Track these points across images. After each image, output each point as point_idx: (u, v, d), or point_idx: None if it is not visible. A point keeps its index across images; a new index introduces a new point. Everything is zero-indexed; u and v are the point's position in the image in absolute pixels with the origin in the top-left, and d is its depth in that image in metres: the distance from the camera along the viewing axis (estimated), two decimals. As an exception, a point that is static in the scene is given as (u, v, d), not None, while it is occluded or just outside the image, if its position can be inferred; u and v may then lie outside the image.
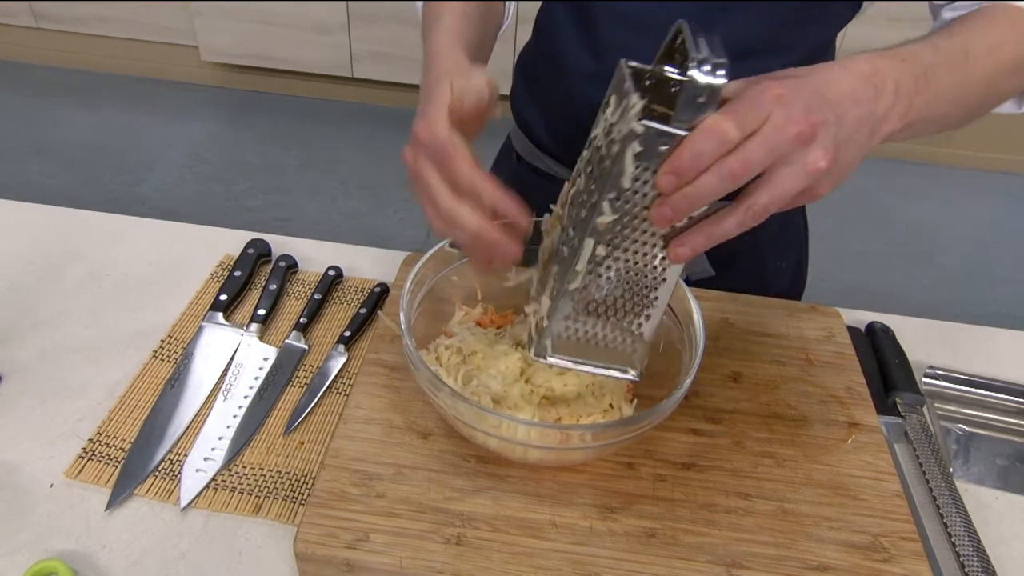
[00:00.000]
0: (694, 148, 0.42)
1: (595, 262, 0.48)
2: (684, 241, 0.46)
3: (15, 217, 0.85)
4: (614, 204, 0.45)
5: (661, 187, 0.44)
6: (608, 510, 0.54)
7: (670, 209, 0.44)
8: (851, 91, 0.47)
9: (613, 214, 0.46)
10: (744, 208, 0.45)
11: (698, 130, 0.42)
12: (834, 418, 0.62)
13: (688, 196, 0.43)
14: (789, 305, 0.72)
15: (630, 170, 0.44)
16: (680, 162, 0.42)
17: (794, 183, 0.44)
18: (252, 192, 2.33)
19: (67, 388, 0.66)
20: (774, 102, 0.43)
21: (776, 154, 0.43)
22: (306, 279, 0.79)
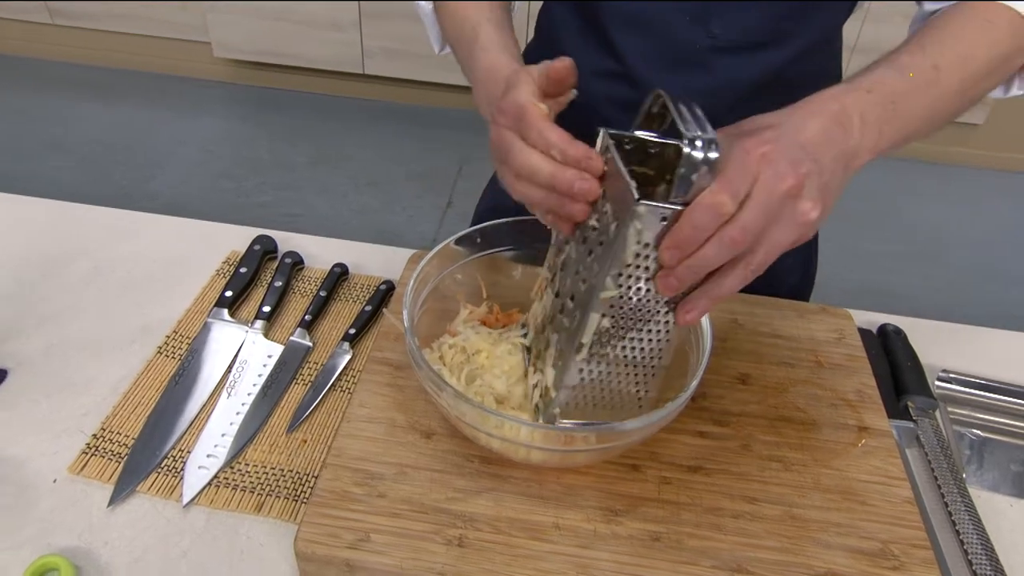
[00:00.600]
0: (694, 223, 0.43)
1: (600, 334, 0.48)
2: (692, 307, 0.47)
3: (23, 212, 0.85)
4: (616, 279, 0.46)
5: (665, 261, 0.45)
6: (612, 513, 0.53)
7: (676, 280, 0.45)
8: (822, 133, 0.47)
9: (616, 288, 0.46)
10: (743, 266, 0.46)
11: (695, 206, 0.43)
12: (844, 422, 0.61)
13: (692, 267, 0.44)
14: (799, 306, 0.71)
15: (632, 247, 0.45)
16: (682, 236, 0.44)
17: (788, 236, 0.45)
18: (263, 188, 2.34)
19: (72, 383, 0.66)
20: (761, 162, 0.44)
21: (770, 214, 0.44)
22: (312, 276, 0.79)
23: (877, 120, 0.50)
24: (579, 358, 0.49)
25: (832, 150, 0.47)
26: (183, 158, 2.44)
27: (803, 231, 0.46)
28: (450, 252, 0.63)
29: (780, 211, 0.44)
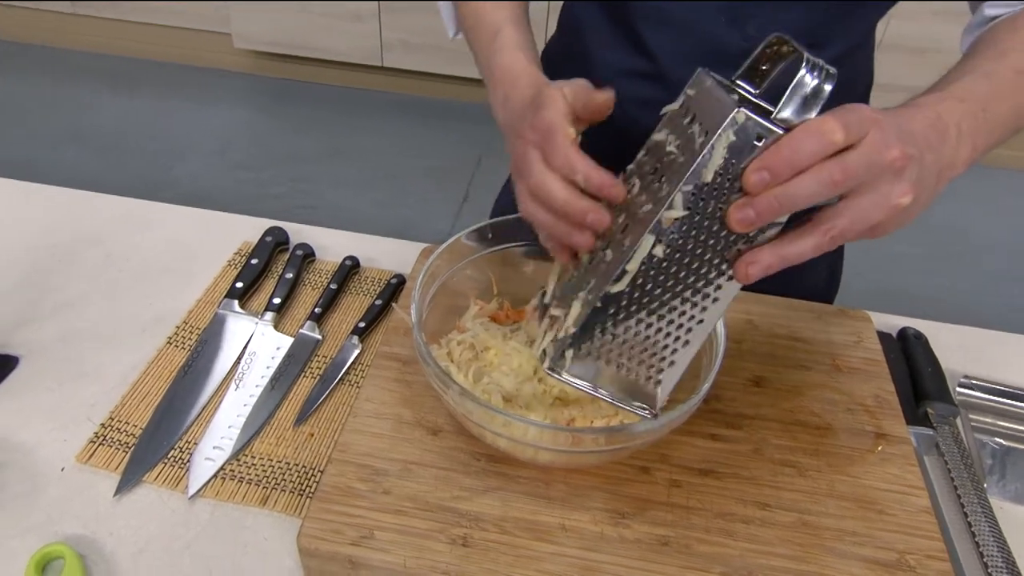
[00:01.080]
0: (795, 145, 0.40)
1: (649, 264, 0.44)
2: (756, 259, 0.43)
3: (39, 200, 0.85)
4: (688, 198, 0.41)
5: (751, 184, 0.40)
6: (620, 515, 0.52)
7: (754, 211, 0.41)
8: (924, 134, 0.45)
9: (684, 210, 0.42)
10: (824, 230, 0.42)
11: (803, 127, 0.40)
12: (861, 427, 0.59)
13: (779, 197, 0.40)
14: (817, 308, 0.69)
15: (717, 162, 0.40)
16: (778, 158, 0.40)
17: (876, 213, 0.42)
18: (279, 179, 2.34)
19: (83, 372, 0.66)
20: (871, 123, 0.41)
21: (872, 174, 0.41)
22: (323, 268, 0.78)
23: (971, 131, 0.48)
24: (615, 290, 0.44)
25: (932, 154, 0.45)
26: (202, 148, 2.46)
27: (890, 215, 0.43)
28: (461, 247, 0.62)
29: (879, 179, 0.41)
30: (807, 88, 0.39)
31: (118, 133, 2.49)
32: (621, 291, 0.45)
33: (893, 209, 0.43)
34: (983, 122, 0.49)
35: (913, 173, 0.43)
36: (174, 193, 2.24)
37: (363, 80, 2.78)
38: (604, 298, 0.45)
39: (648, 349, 0.47)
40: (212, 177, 2.34)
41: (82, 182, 0.89)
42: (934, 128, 0.46)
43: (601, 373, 0.48)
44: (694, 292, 0.45)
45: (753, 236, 0.43)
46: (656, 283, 0.45)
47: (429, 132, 2.61)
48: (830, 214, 0.42)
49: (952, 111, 0.48)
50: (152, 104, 2.66)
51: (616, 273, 0.44)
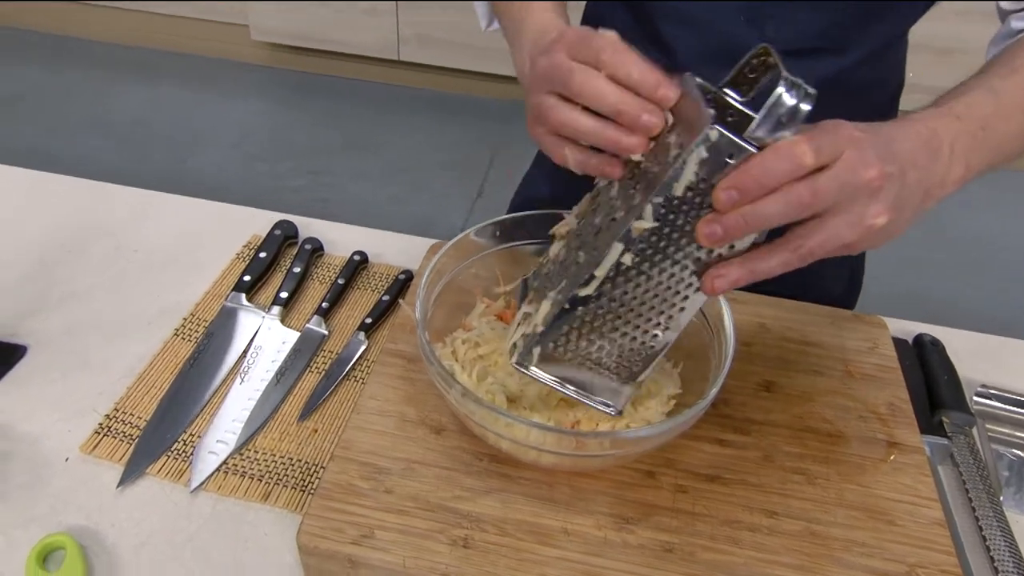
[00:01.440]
0: (765, 165, 0.39)
1: (617, 272, 0.44)
2: (723, 273, 0.43)
3: (51, 189, 0.86)
4: (658, 211, 0.42)
5: (720, 202, 0.40)
6: (624, 520, 0.51)
7: (721, 228, 0.41)
8: (911, 151, 0.44)
9: (653, 222, 0.42)
10: (792, 247, 0.42)
11: (773, 148, 0.40)
12: (873, 436, 0.58)
13: (746, 215, 0.40)
14: (831, 312, 0.68)
15: (688, 177, 0.41)
16: (747, 178, 0.40)
17: (848, 232, 0.42)
18: (295, 172, 2.35)
19: (89, 363, 0.66)
20: (849, 141, 0.41)
21: (845, 194, 0.41)
22: (331, 263, 0.78)
23: (964, 150, 0.47)
24: (583, 293, 0.45)
25: (916, 171, 0.44)
26: (219, 140, 2.47)
27: (863, 235, 0.42)
28: (469, 244, 0.61)
29: (853, 200, 0.41)
30: (783, 108, 0.39)
31: (137, 123, 2.51)
32: (588, 295, 0.45)
33: (867, 229, 0.42)
34: (981, 141, 0.48)
35: (891, 193, 0.42)
36: (191, 184, 2.25)
37: (379, 74, 2.78)
38: (572, 300, 0.46)
39: (615, 352, 0.48)
40: (229, 168, 2.34)
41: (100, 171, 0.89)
42: (926, 146, 0.45)
43: (568, 371, 0.49)
44: (661, 301, 0.46)
45: (722, 250, 0.44)
46: (624, 289, 0.45)
47: (444, 127, 2.60)
48: (801, 232, 0.42)
49: (948, 128, 0.47)
50: (171, 95, 2.67)
51: (585, 277, 0.45)
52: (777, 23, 0.62)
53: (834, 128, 0.41)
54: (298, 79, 2.81)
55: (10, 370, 0.65)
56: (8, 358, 0.66)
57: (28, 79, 2.68)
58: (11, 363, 0.65)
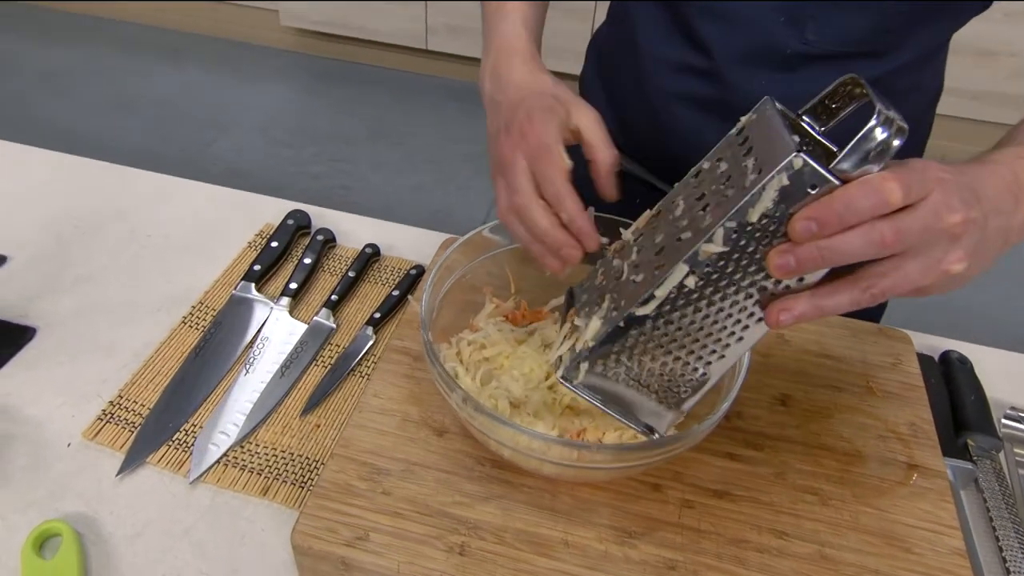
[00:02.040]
0: (848, 200, 0.38)
1: (678, 294, 0.42)
2: (791, 307, 0.41)
3: (71, 171, 0.86)
4: (729, 235, 0.40)
5: (796, 233, 0.39)
6: (626, 534, 0.50)
7: (795, 259, 0.39)
8: (995, 197, 0.42)
9: (724, 246, 0.40)
10: (863, 287, 0.40)
11: (860, 182, 0.38)
12: (892, 457, 0.55)
13: (822, 249, 0.38)
14: (853, 325, 0.65)
15: (766, 204, 0.39)
16: (828, 211, 0.38)
17: (922, 277, 0.40)
18: (319, 159, 2.35)
19: (96, 347, 0.66)
20: (936, 184, 0.39)
21: (926, 237, 0.39)
22: (343, 255, 0.77)
23: None
24: (641, 312, 0.43)
25: (999, 219, 0.42)
26: (244, 124, 2.48)
27: (938, 280, 0.40)
28: (481, 241, 0.60)
29: (933, 243, 0.39)
30: (874, 142, 0.37)
31: (164, 105, 2.52)
32: (646, 315, 0.44)
33: (942, 275, 0.40)
34: None
35: (972, 239, 0.40)
36: (215, 167, 2.26)
37: (407, 63, 2.77)
38: (628, 319, 0.44)
39: (665, 376, 0.46)
40: (252, 153, 2.35)
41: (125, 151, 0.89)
42: (1009, 191, 0.43)
43: (613, 390, 0.47)
44: (720, 328, 0.44)
45: (790, 282, 0.42)
46: (682, 313, 0.43)
47: (470, 119, 2.59)
48: (874, 271, 0.40)
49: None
50: (198, 78, 2.69)
51: (644, 296, 0.43)
52: (819, 24, 0.59)
53: (923, 168, 0.39)
54: (325, 66, 2.81)
55: (18, 352, 0.65)
56: (17, 340, 0.66)
57: (60, 58, 2.71)
58: (20, 345, 0.65)
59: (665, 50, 0.68)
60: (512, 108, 0.54)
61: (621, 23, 0.74)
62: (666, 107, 0.69)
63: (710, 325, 0.44)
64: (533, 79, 0.57)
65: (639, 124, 0.73)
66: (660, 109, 0.69)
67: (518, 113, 0.53)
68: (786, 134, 0.39)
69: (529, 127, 0.51)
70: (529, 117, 0.52)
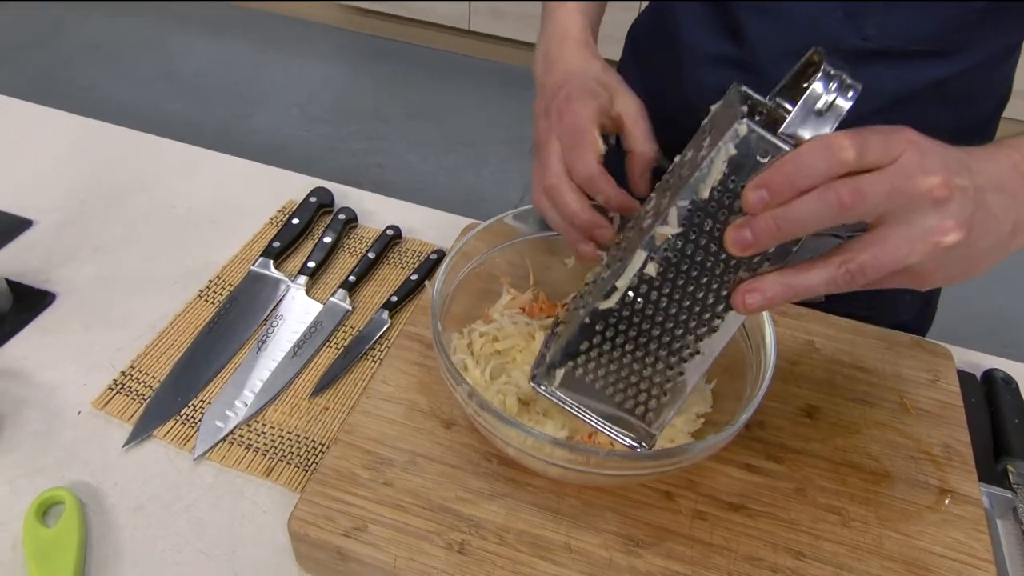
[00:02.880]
0: (799, 161, 0.35)
1: (640, 282, 0.40)
2: (758, 288, 0.38)
3: (102, 139, 0.86)
4: (683, 214, 0.38)
5: (748, 203, 0.36)
6: (633, 543, 0.47)
7: (750, 232, 0.36)
8: (994, 172, 0.38)
9: (679, 226, 0.38)
10: (838, 263, 0.37)
11: (809, 143, 0.35)
12: (924, 479, 0.52)
13: (778, 218, 0.35)
14: (890, 336, 0.62)
15: (715, 177, 0.37)
16: (778, 175, 0.35)
17: (906, 248, 0.36)
18: (356, 136, 2.35)
19: (113, 316, 0.66)
20: (907, 144, 0.35)
21: (897, 202, 0.35)
22: (364, 235, 0.75)
23: None
24: (604, 307, 0.41)
25: (1001, 197, 0.38)
26: (285, 98, 2.49)
27: (928, 255, 0.36)
28: (503, 228, 0.58)
29: (912, 210, 0.35)
30: (819, 99, 0.35)
31: (207, 76, 2.55)
32: (610, 309, 0.41)
33: (932, 247, 0.36)
34: None
35: (964, 209, 0.36)
36: (253, 140, 2.28)
37: (449, 43, 2.75)
38: (592, 314, 0.41)
39: (640, 376, 0.43)
40: (290, 127, 2.36)
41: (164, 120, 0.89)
42: (1015, 170, 0.39)
43: (590, 395, 0.44)
44: (690, 319, 0.41)
45: (758, 263, 0.39)
46: (648, 304, 0.41)
47: (510, 102, 2.56)
48: (850, 246, 0.37)
49: None
50: (241, 51, 2.70)
51: (607, 289, 0.41)
52: (880, 20, 0.55)
53: (890, 130, 0.36)
54: (367, 43, 2.81)
55: (37, 316, 0.65)
56: (37, 304, 0.66)
57: (106, 28, 2.75)
58: (39, 310, 0.66)
59: (705, 43, 0.65)
60: (555, 89, 0.53)
61: (661, 13, 0.71)
62: (701, 100, 0.65)
63: (679, 317, 0.41)
64: (583, 64, 0.56)
65: (674, 116, 0.70)
66: (696, 102, 0.66)
67: (559, 94, 0.52)
68: (737, 106, 0.37)
69: (567, 107, 0.50)
70: (568, 98, 0.51)
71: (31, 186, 0.78)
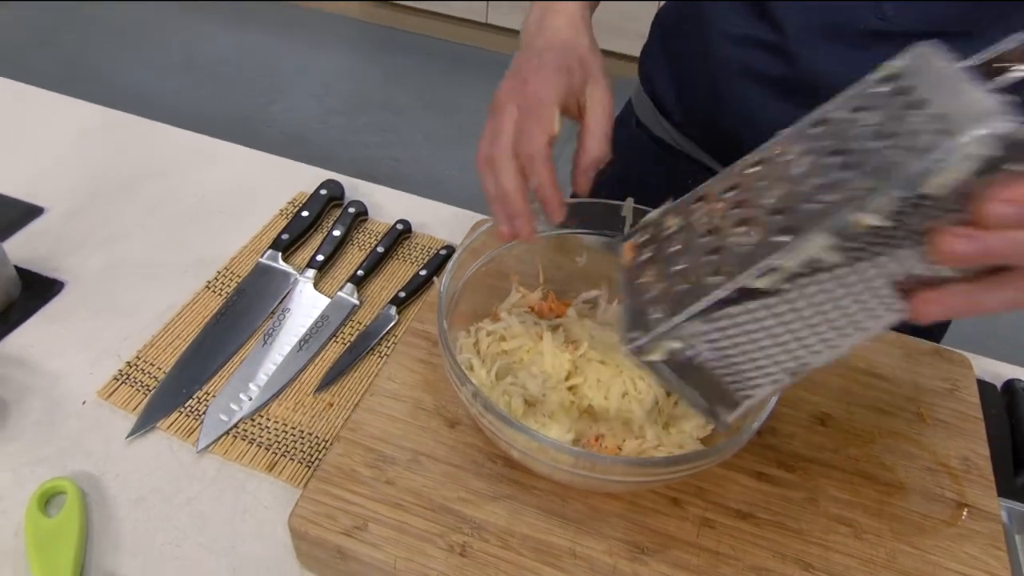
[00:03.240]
0: None
1: (813, 267, 0.35)
2: (940, 300, 0.34)
3: (116, 127, 0.85)
4: (895, 207, 0.32)
5: (987, 216, 0.31)
6: (639, 549, 0.46)
7: (974, 248, 0.31)
8: None
9: (883, 219, 0.32)
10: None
11: None
12: (940, 492, 0.51)
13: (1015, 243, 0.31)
14: (908, 343, 0.60)
15: (956, 175, 0.31)
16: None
17: None
18: (371, 128, 2.34)
19: (121, 306, 0.66)
20: None
21: None
22: (374, 229, 0.75)
23: None
24: (757, 284, 0.35)
25: None
26: (302, 88, 2.49)
27: None
28: (513, 225, 0.57)
29: None
30: None
31: (224, 65, 2.55)
32: (764, 288, 0.36)
33: None
34: None
35: None
36: (267, 129, 2.28)
37: (467, 36, 2.73)
38: (740, 292, 0.36)
39: (756, 359, 0.38)
40: (306, 117, 2.36)
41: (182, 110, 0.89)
42: None
43: (689, 370, 0.39)
44: (842, 315, 0.36)
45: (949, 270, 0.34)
46: (801, 291, 0.36)
47: (526, 95, 2.54)
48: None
49: None
50: (261, 40, 2.71)
51: (762, 266, 0.35)
52: (899, 1, 0.54)
53: None
54: (386, 35, 2.80)
55: (45, 304, 0.65)
56: (45, 292, 0.66)
57: (127, 16, 2.76)
58: (47, 298, 0.65)
59: (733, 23, 0.64)
60: (529, 55, 0.51)
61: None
62: (728, 81, 0.65)
63: (833, 309, 0.36)
64: (572, 36, 0.52)
65: (699, 98, 0.70)
66: (722, 83, 0.66)
67: (531, 61, 0.49)
68: (981, 90, 0.31)
69: (533, 77, 0.48)
70: (538, 68, 0.48)
71: (44, 174, 0.78)
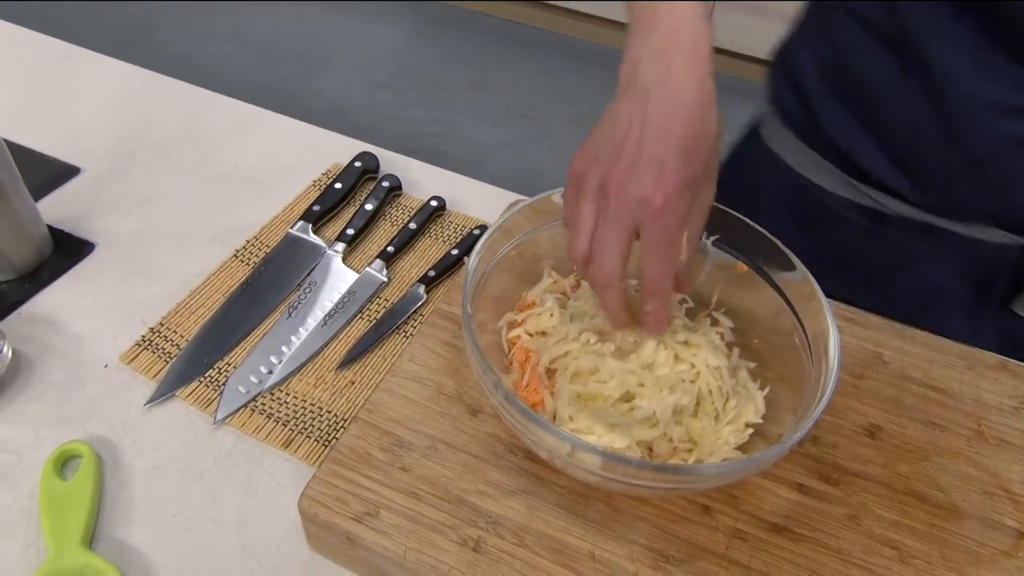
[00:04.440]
0: None
1: None
2: None
3: (159, 93, 0.85)
4: None
5: None
6: (663, 558, 0.44)
7: None
8: None
9: None
10: None
11: None
12: (998, 519, 0.46)
13: None
14: (971, 354, 0.56)
15: None
16: None
17: None
18: (418, 103, 2.32)
19: (149, 271, 0.65)
20: None
21: None
22: (407, 205, 0.72)
23: None
24: None
25: None
26: (349, 62, 2.48)
27: None
28: (548, 206, 0.54)
29: None
30: None
31: (276, 36, 2.56)
32: None
33: None
34: None
35: None
36: (315, 101, 2.28)
37: (519, 13, 2.68)
38: None
39: None
40: (352, 92, 2.35)
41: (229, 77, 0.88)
42: None
43: None
44: None
45: None
46: None
47: (575, 77, 2.49)
48: None
49: None
50: (313, 14, 2.70)
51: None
52: None
53: None
54: (437, 10, 2.77)
55: (75, 265, 0.65)
56: (76, 253, 0.65)
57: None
58: (77, 259, 0.65)
59: (976, 81, 0.51)
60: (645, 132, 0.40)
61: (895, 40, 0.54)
62: (984, 150, 0.53)
63: None
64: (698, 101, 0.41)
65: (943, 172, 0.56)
66: (986, 159, 0.54)
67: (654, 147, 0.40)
68: None
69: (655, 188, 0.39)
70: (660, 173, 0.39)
71: (83, 134, 0.78)
